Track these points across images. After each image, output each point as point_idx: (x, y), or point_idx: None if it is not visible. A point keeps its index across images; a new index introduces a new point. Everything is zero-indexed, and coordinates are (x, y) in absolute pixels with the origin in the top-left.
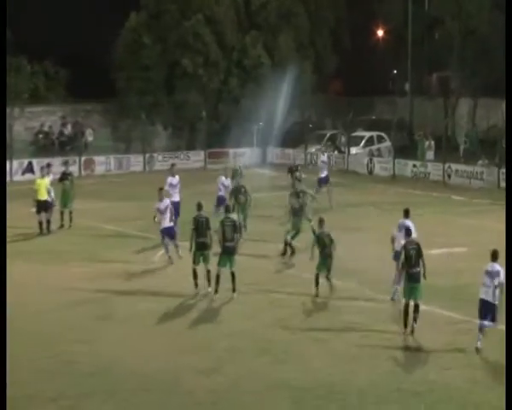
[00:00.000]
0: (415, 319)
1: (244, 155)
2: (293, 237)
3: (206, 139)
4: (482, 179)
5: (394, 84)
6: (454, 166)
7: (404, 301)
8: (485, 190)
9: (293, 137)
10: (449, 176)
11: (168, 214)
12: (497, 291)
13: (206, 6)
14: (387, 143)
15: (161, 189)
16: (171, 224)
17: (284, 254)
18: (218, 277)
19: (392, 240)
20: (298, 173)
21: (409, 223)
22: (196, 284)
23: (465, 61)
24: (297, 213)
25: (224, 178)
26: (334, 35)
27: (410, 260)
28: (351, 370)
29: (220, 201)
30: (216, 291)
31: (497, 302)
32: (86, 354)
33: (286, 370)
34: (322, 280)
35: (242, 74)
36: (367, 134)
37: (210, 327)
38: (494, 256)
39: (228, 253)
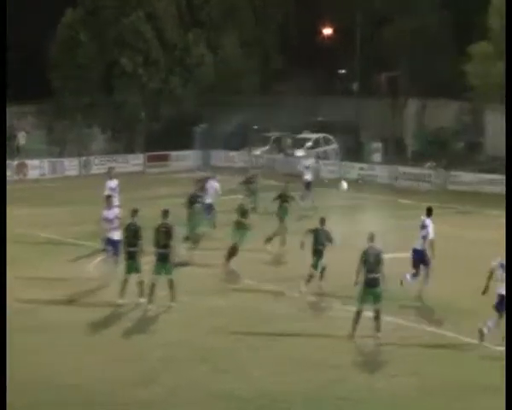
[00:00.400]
0: (377, 328)
1: (186, 158)
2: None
3: (145, 142)
4: (430, 182)
5: (342, 83)
6: (401, 169)
7: (357, 306)
8: (433, 193)
9: (237, 139)
10: (396, 178)
11: (116, 224)
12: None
13: (147, 1)
14: (334, 146)
15: (109, 196)
16: (119, 238)
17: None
18: (152, 286)
19: None
20: (253, 185)
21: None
22: (122, 295)
23: (414, 60)
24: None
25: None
26: (281, 32)
27: (369, 265)
28: (294, 378)
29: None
30: (150, 301)
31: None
32: (15, 365)
33: (227, 379)
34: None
35: (184, 73)
36: (313, 136)
37: (144, 337)
38: (429, 212)
39: (161, 259)
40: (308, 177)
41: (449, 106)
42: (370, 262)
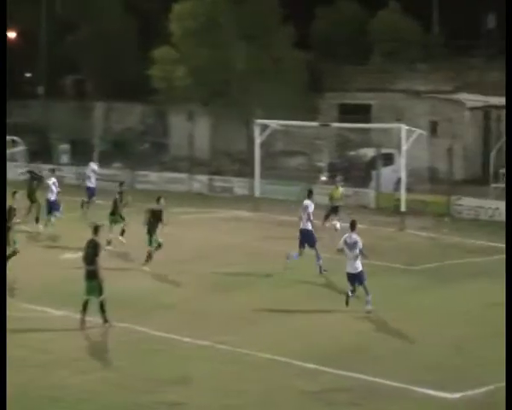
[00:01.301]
0: (104, 319)
1: None
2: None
3: None
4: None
5: (29, 87)
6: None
7: (84, 297)
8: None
9: None
10: (83, 179)
11: None
12: (358, 261)
13: None
14: (22, 148)
15: None
16: None
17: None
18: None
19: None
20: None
21: None
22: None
23: (99, 64)
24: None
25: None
26: None
27: (86, 258)
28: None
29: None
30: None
31: (358, 270)
32: None
33: None
34: None
35: None
36: None
37: None
38: (353, 226)
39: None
40: (92, 184)
41: (135, 108)
42: (88, 254)
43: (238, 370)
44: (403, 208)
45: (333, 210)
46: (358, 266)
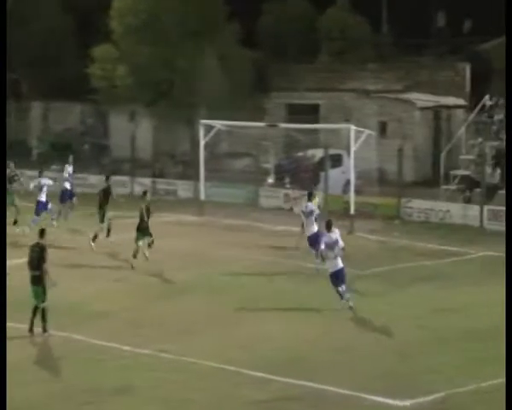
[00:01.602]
0: (43, 328)
1: None
2: None
3: None
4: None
5: None
6: (28, 173)
7: (34, 303)
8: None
9: None
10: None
11: None
12: (339, 259)
13: None
14: None
15: None
16: None
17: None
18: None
19: None
20: None
21: None
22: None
23: (36, 63)
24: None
25: None
26: None
27: (31, 263)
28: None
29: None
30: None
31: (340, 267)
32: None
33: None
34: None
35: None
36: None
37: None
38: (328, 226)
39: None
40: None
41: (74, 108)
42: (32, 259)
43: (183, 379)
44: (352, 211)
45: None
46: (340, 263)
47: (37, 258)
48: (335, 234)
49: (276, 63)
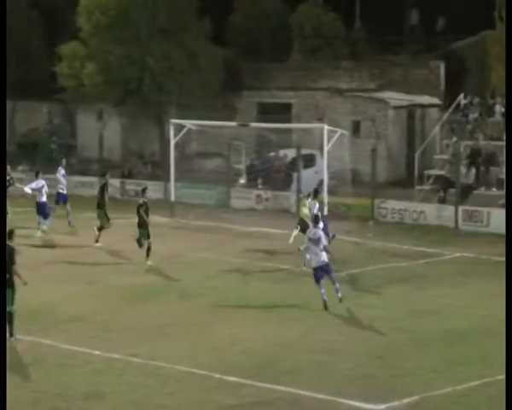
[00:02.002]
0: (10, 332)
1: None
2: None
3: None
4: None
5: None
6: None
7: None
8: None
9: None
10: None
11: None
12: (323, 253)
13: None
14: None
15: None
16: None
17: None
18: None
19: None
20: None
21: None
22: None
23: None
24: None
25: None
26: None
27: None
28: None
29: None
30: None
31: (325, 262)
32: None
33: None
34: None
35: None
36: None
37: None
38: (316, 221)
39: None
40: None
41: (41, 107)
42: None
43: (154, 383)
44: (325, 212)
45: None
46: (325, 258)
47: (6, 260)
48: (320, 231)
49: (247, 61)
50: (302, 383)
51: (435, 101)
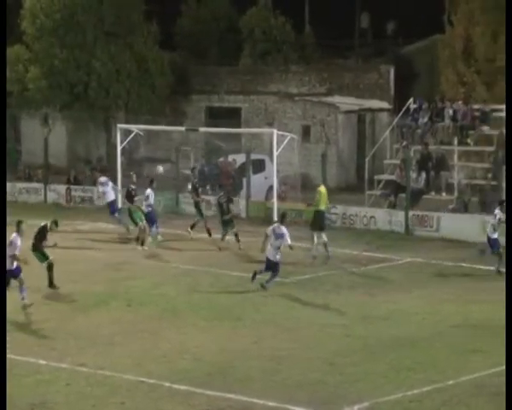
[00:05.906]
0: None
1: None
2: None
3: None
4: None
5: None
6: None
7: None
8: None
9: None
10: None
11: None
12: (278, 252)
13: None
14: None
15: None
16: None
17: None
18: None
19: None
20: None
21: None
22: None
23: None
24: None
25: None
26: None
27: None
28: None
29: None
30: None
31: (276, 260)
32: None
33: None
34: None
35: None
36: None
37: None
38: (283, 218)
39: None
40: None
41: None
42: None
43: (103, 393)
44: (275, 218)
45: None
46: (277, 257)
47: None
48: (284, 228)
49: (196, 65)
50: (253, 391)
51: (385, 105)
